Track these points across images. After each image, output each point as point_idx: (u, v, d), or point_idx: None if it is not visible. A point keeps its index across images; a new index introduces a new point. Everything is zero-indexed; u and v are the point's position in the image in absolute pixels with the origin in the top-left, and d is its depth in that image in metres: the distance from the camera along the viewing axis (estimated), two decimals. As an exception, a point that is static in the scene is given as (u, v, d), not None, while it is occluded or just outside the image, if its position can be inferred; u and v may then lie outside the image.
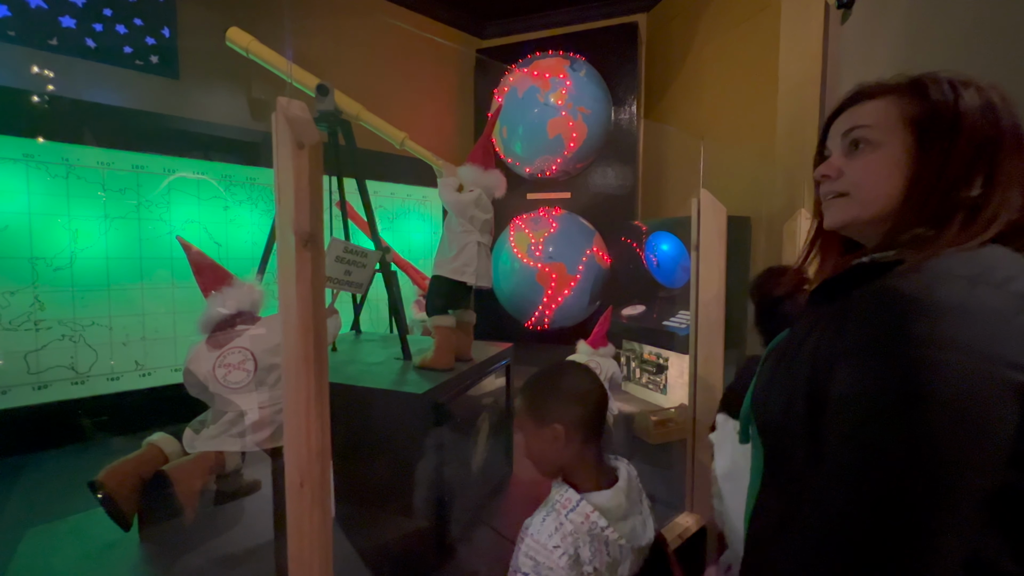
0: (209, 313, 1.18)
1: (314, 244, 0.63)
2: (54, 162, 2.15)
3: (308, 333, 0.64)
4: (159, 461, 1.12)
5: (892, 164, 0.59)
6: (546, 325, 3.32)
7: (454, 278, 1.53)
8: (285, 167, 0.64)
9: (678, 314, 2.70)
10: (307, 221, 0.62)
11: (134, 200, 2.34)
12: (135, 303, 2.35)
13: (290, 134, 0.62)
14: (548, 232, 3.23)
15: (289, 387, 0.67)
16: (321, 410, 0.66)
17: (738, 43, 2.69)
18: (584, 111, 3.14)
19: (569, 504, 0.78)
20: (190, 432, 1.18)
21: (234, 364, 1.15)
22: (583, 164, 3.41)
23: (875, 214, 0.61)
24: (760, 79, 2.48)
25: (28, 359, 2.11)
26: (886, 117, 0.60)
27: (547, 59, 3.31)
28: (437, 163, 1.81)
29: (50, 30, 2.31)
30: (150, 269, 2.38)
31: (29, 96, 2.11)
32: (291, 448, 0.68)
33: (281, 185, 0.65)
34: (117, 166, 2.31)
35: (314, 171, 0.63)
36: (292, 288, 0.64)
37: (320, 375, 0.65)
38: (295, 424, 0.66)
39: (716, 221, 1.56)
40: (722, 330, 1.61)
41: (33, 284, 2.11)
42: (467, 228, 1.56)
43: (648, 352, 2.78)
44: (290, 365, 0.66)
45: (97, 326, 2.27)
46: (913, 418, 0.44)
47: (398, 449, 1.31)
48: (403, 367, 1.51)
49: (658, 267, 2.95)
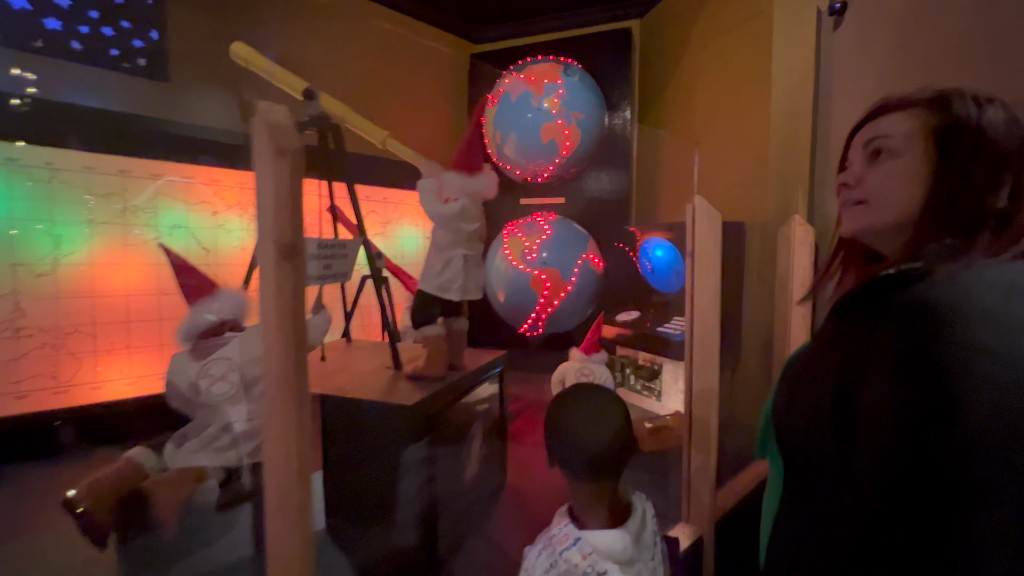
0: (192, 322, 1.15)
1: (295, 255, 0.60)
2: (37, 167, 2.10)
3: (289, 350, 0.60)
4: (138, 477, 1.08)
5: (911, 173, 0.59)
6: (540, 331, 3.29)
7: (438, 295, 1.48)
8: (265, 175, 0.61)
9: (672, 320, 2.69)
10: (288, 231, 0.59)
11: (119, 205, 2.29)
12: (120, 311, 2.30)
13: (270, 140, 0.60)
14: (542, 237, 3.21)
15: (269, 407, 0.64)
16: (301, 431, 0.63)
17: (731, 49, 2.70)
18: (578, 116, 3.13)
19: (566, 541, 0.72)
20: (171, 446, 1.14)
21: (218, 375, 1.11)
22: (577, 169, 3.40)
23: (891, 221, 0.61)
24: (753, 85, 2.48)
25: (8, 368, 2.05)
26: (908, 128, 0.60)
27: (541, 64, 3.31)
28: (419, 162, 1.70)
29: (35, 32, 2.26)
30: (136, 276, 2.33)
31: (10, 99, 2.06)
32: (271, 470, 0.65)
33: (261, 194, 0.62)
34: (102, 170, 2.26)
35: (295, 179, 0.60)
36: (272, 301, 0.61)
37: (300, 395, 0.62)
38: (275, 445, 0.63)
39: (711, 227, 1.54)
40: (718, 338, 1.59)
41: (14, 291, 2.06)
42: (452, 241, 1.48)
43: (642, 358, 2.76)
44: (270, 385, 0.63)
45: (80, 334, 2.21)
46: (952, 429, 0.42)
47: (389, 462, 1.28)
48: (393, 377, 1.48)
49: (652, 273, 2.94)
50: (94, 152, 2.25)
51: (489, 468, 1.71)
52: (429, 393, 1.29)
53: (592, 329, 2.55)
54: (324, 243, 1.22)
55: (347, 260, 1.33)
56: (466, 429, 1.53)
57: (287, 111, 0.62)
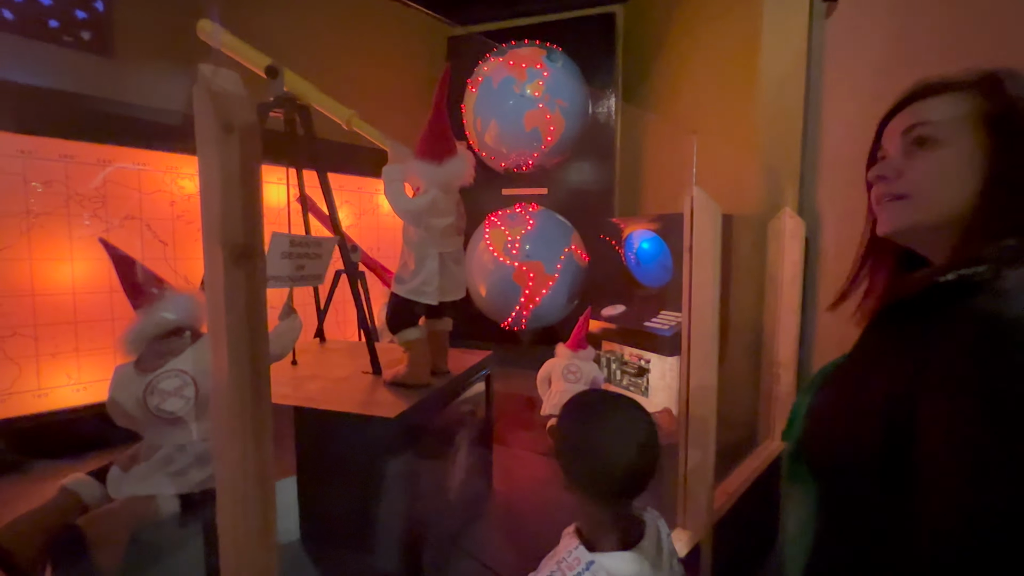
0: (137, 329, 1.00)
1: (250, 259, 0.48)
2: (-38, 150, 1.88)
3: (243, 378, 0.48)
4: (74, 510, 0.93)
5: (961, 164, 0.53)
6: (523, 326, 3.20)
7: (413, 299, 1.33)
8: (210, 157, 0.48)
9: (660, 314, 2.63)
10: (239, 229, 0.47)
11: (62, 194, 2.07)
12: (66, 311, 2.09)
13: (215, 114, 0.47)
14: (525, 229, 3.11)
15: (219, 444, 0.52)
16: (262, 478, 0.51)
17: (718, 36, 2.63)
18: (562, 104, 3.02)
19: (577, 565, 0.66)
20: (117, 470, 1.00)
21: (170, 390, 0.97)
22: (560, 159, 3.30)
23: (938, 219, 0.55)
24: (741, 73, 2.42)
25: (-65, 376, 1.84)
26: (955, 113, 0.54)
27: (523, 48, 3.17)
28: (385, 143, 1.52)
29: (-43, -2, 2.01)
30: (83, 272, 2.12)
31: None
32: (223, 509, 0.53)
33: (205, 182, 0.50)
34: (42, 155, 2.04)
35: (248, 162, 0.48)
36: (220, 318, 0.48)
37: (259, 429, 0.50)
38: (228, 494, 0.51)
39: (710, 221, 1.47)
40: (716, 336, 1.53)
41: (-61, 290, 1.84)
42: (425, 238, 1.32)
43: (629, 353, 2.70)
44: (221, 418, 0.51)
45: (20, 336, 2.00)
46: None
47: (368, 477, 1.16)
48: (372, 383, 1.36)
49: (638, 266, 2.87)
50: (32, 135, 2.03)
51: (474, 477, 1.61)
52: (412, 403, 1.18)
53: (579, 324, 2.47)
54: (297, 240, 1.08)
55: (321, 261, 1.19)
56: (450, 439, 1.42)
57: (237, 77, 0.50)
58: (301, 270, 1.11)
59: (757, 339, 2.27)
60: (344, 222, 3.06)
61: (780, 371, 2.15)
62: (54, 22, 2.23)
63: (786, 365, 2.12)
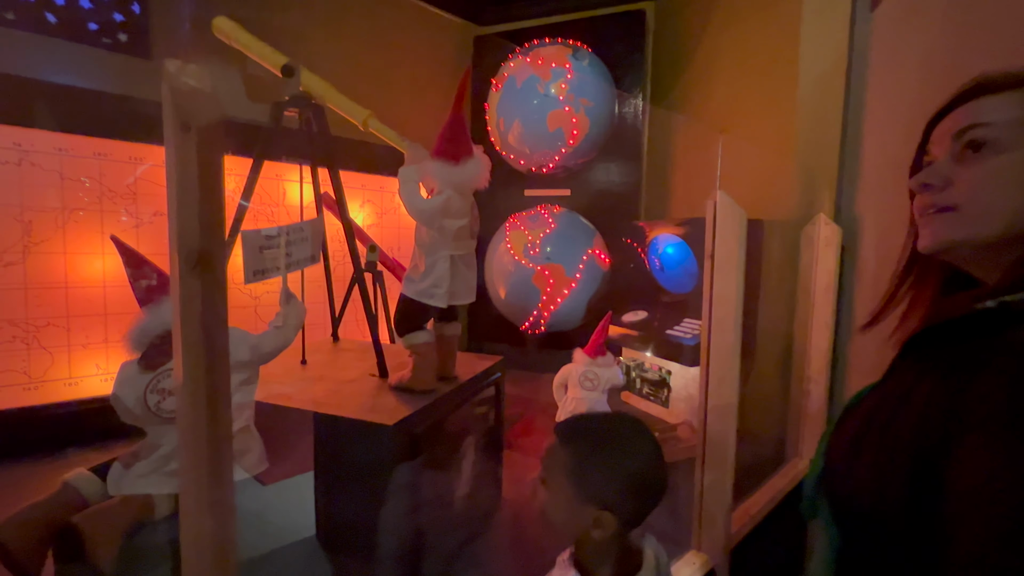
0: (142, 326, 1.00)
1: (208, 266, 0.45)
2: (4, 147, 1.96)
3: (198, 392, 0.46)
4: (74, 506, 0.94)
5: (1022, 173, 0.45)
6: (542, 329, 3.15)
7: (422, 301, 1.32)
8: (170, 158, 0.46)
9: (683, 322, 2.53)
10: (195, 234, 0.44)
11: (95, 190, 2.15)
12: (96, 303, 2.17)
13: (174, 111, 0.44)
14: (546, 231, 3.05)
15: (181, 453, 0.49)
16: (221, 501, 0.48)
17: (754, 32, 2.51)
18: (587, 103, 2.95)
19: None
20: (118, 467, 1.00)
21: (169, 389, 0.97)
22: (584, 160, 3.23)
23: (990, 236, 0.48)
24: (778, 70, 2.29)
25: (-25, 363, 1.93)
26: (1017, 114, 0.47)
27: (548, 47, 3.12)
28: (402, 144, 1.51)
29: (6, 3, 2.11)
30: (114, 266, 2.20)
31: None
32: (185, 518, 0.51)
33: (168, 182, 0.47)
34: (76, 152, 2.11)
35: (208, 163, 0.45)
36: (179, 326, 0.46)
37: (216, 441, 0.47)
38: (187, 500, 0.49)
39: (734, 226, 1.38)
40: (738, 349, 1.44)
41: (-20, 281, 1.93)
42: (437, 239, 1.30)
43: (649, 362, 2.61)
44: (180, 428, 0.48)
45: (53, 327, 2.09)
46: None
47: (371, 484, 1.14)
48: (377, 388, 1.34)
49: (662, 271, 2.77)
50: (68, 133, 2.11)
51: (483, 486, 1.57)
52: (414, 410, 1.15)
53: (598, 330, 2.39)
54: (272, 232, 1.09)
55: (309, 243, 1.19)
56: (457, 447, 1.38)
57: (201, 71, 0.47)
58: (288, 256, 1.12)
59: (787, 352, 2.14)
60: (365, 221, 3.08)
61: (810, 387, 2.02)
62: (93, 25, 2.32)
63: (816, 381, 1.99)
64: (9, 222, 1.98)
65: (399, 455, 1.07)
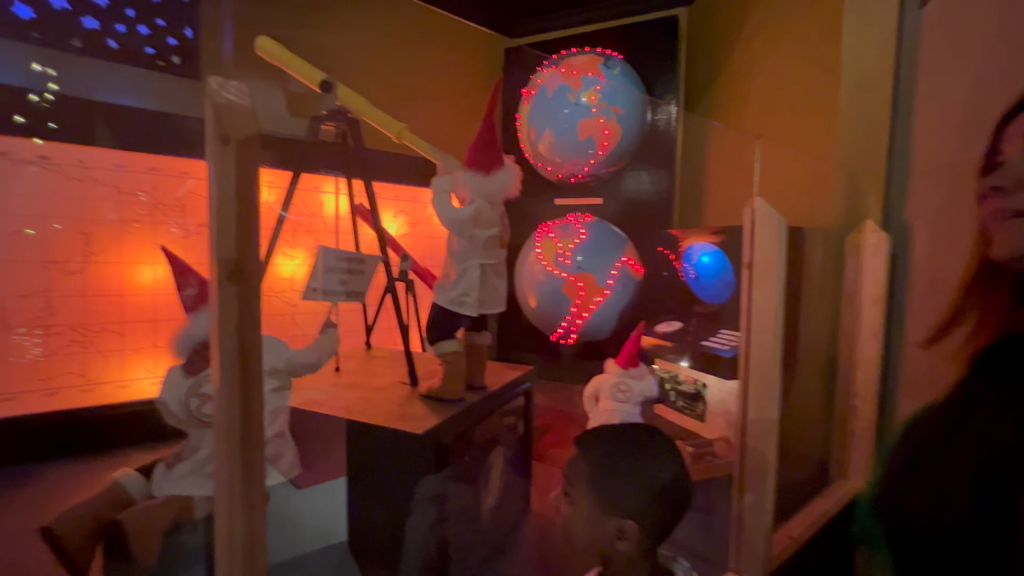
0: (186, 333, 1.05)
1: (242, 275, 0.46)
2: (69, 164, 2.11)
3: (232, 395, 0.47)
4: (121, 504, 0.99)
5: None
6: (573, 339, 3.11)
7: (453, 309, 1.33)
8: (211, 170, 0.48)
9: (719, 333, 2.45)
10: (231, 244, 0.46)
11: (148, 204, 2.28)
12: (147, 310, 2.29)
13: (214, 126, 0.46)
14: (577, 240, 3.03)
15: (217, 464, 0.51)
16: (251, 496, 0.49)
17: (792, 34, 2.43)
18: (618, 111, 2.93)
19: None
20: (162, 467, 1.05)
21: (209, 394, 1.01)
22: (616, 168, 3.20)
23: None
24: (819, 72, 2.21)
25: (39, 365, 2.07)
26: None
27: (579, 56, 3.12)
28: (435, 156, 1.56)
29: (73, 31, 2.28)
30: (164, 275, 2.31)
31: (46, 98, 2.06)
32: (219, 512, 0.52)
33: (209, 194, 0.49)
34: (133, 168, 2.25)
35: (245, 176, 0.46)
36: (216, 332, 0.47)
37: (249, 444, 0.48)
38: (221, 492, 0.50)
39: (773, 234, 1.32)
40: (778, 362, 1.38)
41: (46, 289, 2.07)
42: (467, 248, 1.33)
43: (684, 374, 2.54)
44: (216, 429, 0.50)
45: (108, 332, 2.21)
46: None
47: (399, 492, 1.15)
48: (407, 396, 1.35)
49: (696, 280, 2.70)
50: (125, 150, 2.25)
51: (511, 498, 1.55)
52: (443, 419, 1.15)
53: (630, 340, 2.34)
54: (343, 255, 1.11)
55: (364, 278, 1.22)
56: (485, 458, 1.38)
57: (241, 88, 0.48)
58: (344, 285, 1.14)
59: (830, 364, 2.04)
60: (399, 231, 3.14)
61: (858, 403, 1.91)
62: (150, 49, 2.48)
63: (865, 398, 1.88)
64: (72, 234, 2.12)
65: (427, 464, 1.07)
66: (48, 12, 2.23)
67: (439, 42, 3.45)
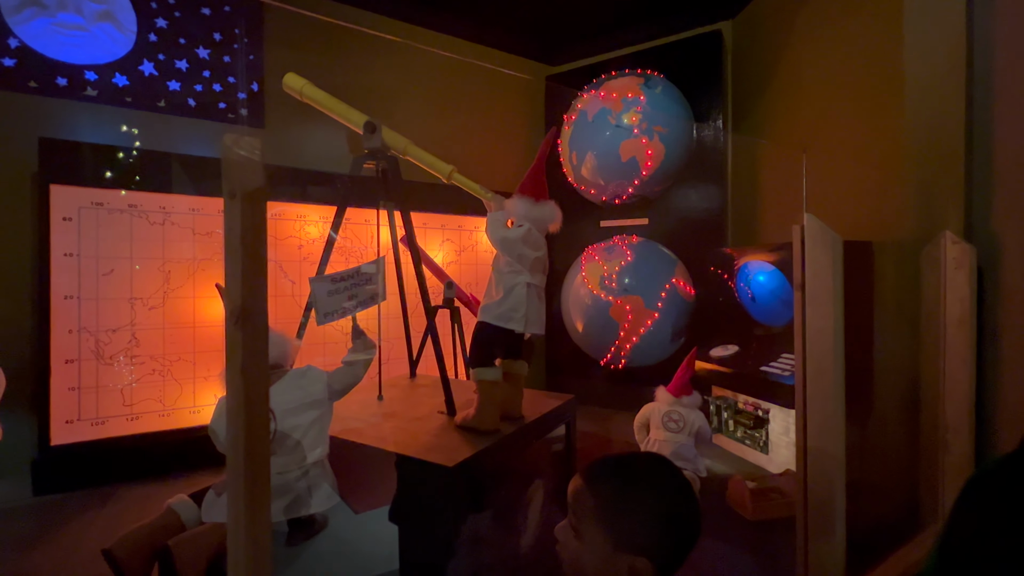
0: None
1: (249, 321, 0.48)
2: (153, 211, 2.35)
3: (238, 431, 0.48)
4: (174, 528, 1.05)
5: None
6: (622, 364, 3.01)
7: (500, 325, 1.36)
8: (225, 222, 0.51)
9: (780, 358, 2.28)
10: (238, 291, 0.48)
11: (218, 242, 2.48)
12: (216, 340, 2.47)
13: (225, 180, 0.49)
14: (623, 262, 2.96)
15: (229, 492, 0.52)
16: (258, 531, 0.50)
17: (844, 39, 2.29)
18: (661, 130, 2.87)
19: None
20: (212, 495, 1.10)
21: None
22: (662, 187, 3.12)
23: None
24: (876, 77, 2.06)
25: (124, 392, 2.28)
26: None
27: (618, 79, 3.11)
28: (486, 195, 1.67)
29: (159, 94, 2.58)
30: (230, 307, 2.50)
31: (132, 153, 2.33)
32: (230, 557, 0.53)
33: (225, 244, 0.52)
34: (205, 211, 2.48)
35: (250, 228, 0.49)
36: (228, 373, 0.49)
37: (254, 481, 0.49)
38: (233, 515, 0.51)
39: (826, 253, 1.22)
40: (841, 387, 1.25)
41: (131, 322, 2.29)
42: (516, 268, 1.39)
43: (743, 401, 2.37)
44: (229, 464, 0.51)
45: (183, 361, 2.41)
46: None
47: (431, 531, 1.13)
48: (444, 426, 1.35)
49: (753, 301, 2.54)
50: (200, 196, 2.48)
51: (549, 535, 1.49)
52: (475, 451, 1.13)
53: (683, 366, 2.23)
54: (337, 276, 1.19)
55: (372, 284, 1.28)
56: (523, 491, 1.34)
57: (253, 143, 0.51)
58: (354, 298, 1.19)
59: (912, 392, 1.82)
60: (445, 259, 3.22)
61: (948, 436, 1.69)
62: (222, 104, 2.75)
63: (956, 430, 1.66)
64: (154, 273, 2.35)
65: (458, 497, 1.06)
66: (139, 79, 2.54)
67: (481, 75, 3.57)
